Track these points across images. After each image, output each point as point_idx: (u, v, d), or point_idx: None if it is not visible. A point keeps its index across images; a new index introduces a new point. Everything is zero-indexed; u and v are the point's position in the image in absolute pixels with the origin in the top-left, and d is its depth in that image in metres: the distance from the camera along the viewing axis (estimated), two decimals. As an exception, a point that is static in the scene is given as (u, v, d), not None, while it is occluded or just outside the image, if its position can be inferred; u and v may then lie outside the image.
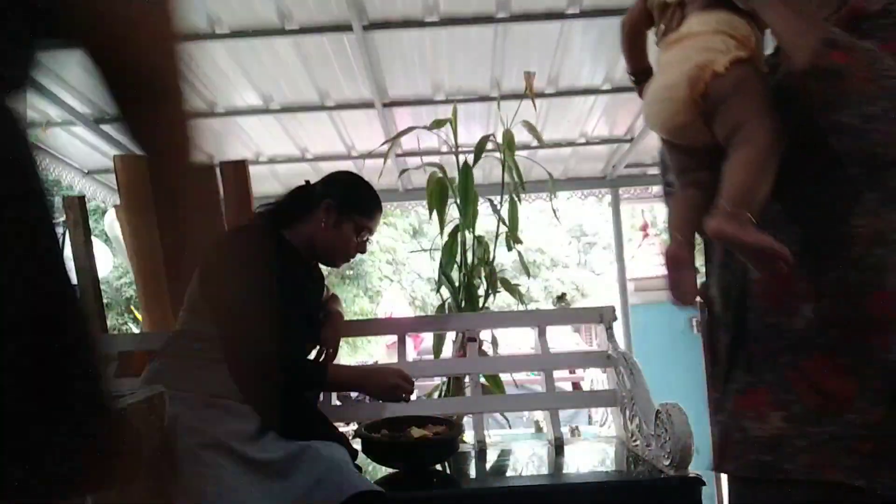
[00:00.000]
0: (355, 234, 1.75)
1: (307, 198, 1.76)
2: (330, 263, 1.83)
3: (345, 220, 1.73)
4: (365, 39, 3.03)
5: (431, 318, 2.54)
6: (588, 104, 3.97)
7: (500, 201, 2.71)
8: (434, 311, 2.86)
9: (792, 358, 0.86)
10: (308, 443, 1.44)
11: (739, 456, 0.89)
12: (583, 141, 4.53)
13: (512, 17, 2.99)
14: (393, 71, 3.44)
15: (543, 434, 2.49)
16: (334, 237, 1.73)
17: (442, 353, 2.62)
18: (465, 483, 1.76)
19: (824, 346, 0.85)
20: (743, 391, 0.91)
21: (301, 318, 1.71)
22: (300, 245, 1.73)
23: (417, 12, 2.94)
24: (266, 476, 1.37)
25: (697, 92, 0.88)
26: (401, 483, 1.68)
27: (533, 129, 2.91)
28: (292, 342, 1.65)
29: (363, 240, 1.79)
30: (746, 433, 0.88)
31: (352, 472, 1.42)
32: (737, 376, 0.93)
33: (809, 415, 0.84)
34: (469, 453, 2.01)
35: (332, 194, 1.74)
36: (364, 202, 1.78)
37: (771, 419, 0.86)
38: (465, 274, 2.65)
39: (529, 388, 4.62)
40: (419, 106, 3.81)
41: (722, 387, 0.96)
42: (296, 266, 1.73)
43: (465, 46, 3.22)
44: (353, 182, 1.82)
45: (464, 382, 2.43)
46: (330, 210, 1.72)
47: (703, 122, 0.90)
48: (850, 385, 0.83)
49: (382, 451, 1.71)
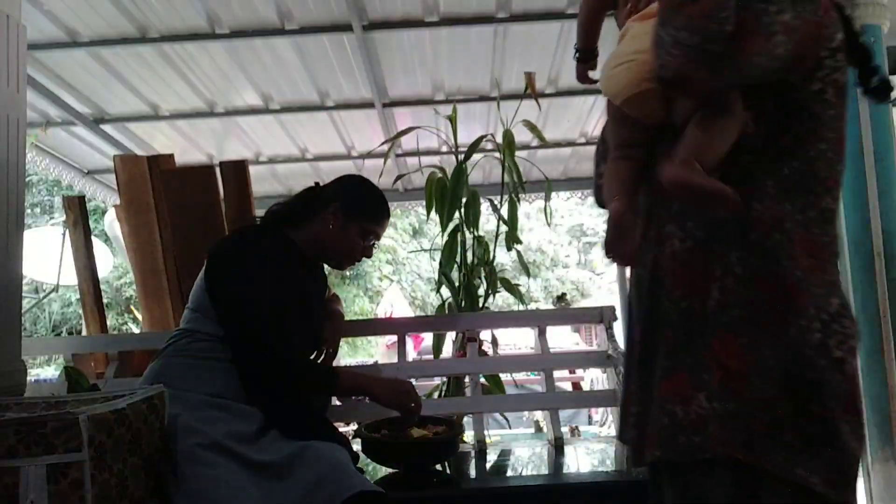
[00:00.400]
0: (362, 237, 1.76)
1: (315, 199, 1.76)
2: (334, 265, 1.83)
3: (352, 224, 1.73)
4: (365, 39, 3.03)
5: (431, 318, 2.54)
6: (588, 104, 3.97)
7: (500, 201, 2.71)
8: (434, 311, 2.86)
9: (705, 338, 0.88)
10: (308, 443, 1.44)
11: (670, 440, 0.88)
12: (583, 141, 4.53)
13: (512, 17, 2.99)
14: (393, 71, 3.44)
15: (543, 434, 2.49)
16: (340, 239, 1.74)
17: (442, 353, 2.62)
18: (465, 483, 1.76)
19: (727, 324, 0.88)
20: (668, 376, 0.91)
21: (305, 318, 1.72)
22: (305, 245, 1.74)
23: (417, 12, 2.94)
24: (266, 476, 1.36)
25: None
26: (401, 483, 1.68)
27: (534, 128, 2.91)
28: (298, 341, 1.66)
29: (370, 244, 1.79)
30: (675, 417, 0.88)
31: (352, 472, 1.42)
32: (658, 364, 0.93)
33: (724, 392, 0.86)
34: (469, 453, 2.01)
35: (340, 197, 1.74)
36: (372, 207, 1.78)
37: (695, 400, 0.87)
38: (465, 274, 2.65)
39: (529, 388, 4.62)
40: (419, 106, 3.81)
41: (639, 379, 0.96)
42: (300, 266, 1.73)
43: (465, 46, 3.22)
44: (362, 186, 1.82)
45: (464, 382, 2.43)
46: (337, 213, 1.72)
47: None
48: (748, 363, 0.86)
49: (382, 451, 1.71)
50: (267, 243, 1.66)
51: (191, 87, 3.50)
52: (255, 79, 3.45)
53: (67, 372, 1.80)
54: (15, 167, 1.74)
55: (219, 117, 3.87)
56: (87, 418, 1.16)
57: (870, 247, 2.64)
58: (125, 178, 2.45)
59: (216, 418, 1.43)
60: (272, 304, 1.56)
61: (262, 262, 1.60)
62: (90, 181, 4.63)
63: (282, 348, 1.54)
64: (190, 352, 1.56)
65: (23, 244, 1.78)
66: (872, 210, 2.63)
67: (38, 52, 3.02)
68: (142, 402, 1.32)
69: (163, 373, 1.54)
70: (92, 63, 3.19)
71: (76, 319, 10.60)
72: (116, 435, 1.23)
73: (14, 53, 1.75)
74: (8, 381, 1.66)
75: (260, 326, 1.53)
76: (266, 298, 1.55)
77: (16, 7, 1.80)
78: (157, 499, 1.34)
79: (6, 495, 1.11)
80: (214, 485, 1.30)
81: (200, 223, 2.34)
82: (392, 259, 12.68)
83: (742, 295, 0.88)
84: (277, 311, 1.56)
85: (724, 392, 0.86)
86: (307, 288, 1.75)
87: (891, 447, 2.61)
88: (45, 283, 5.53)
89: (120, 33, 2.98)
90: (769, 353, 0.86)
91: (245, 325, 1.53)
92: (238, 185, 2.42)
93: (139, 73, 3.32)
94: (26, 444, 1.13)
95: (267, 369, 1.53)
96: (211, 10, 2.84)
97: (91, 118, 3.76)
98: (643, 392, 0.97)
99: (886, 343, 2.61)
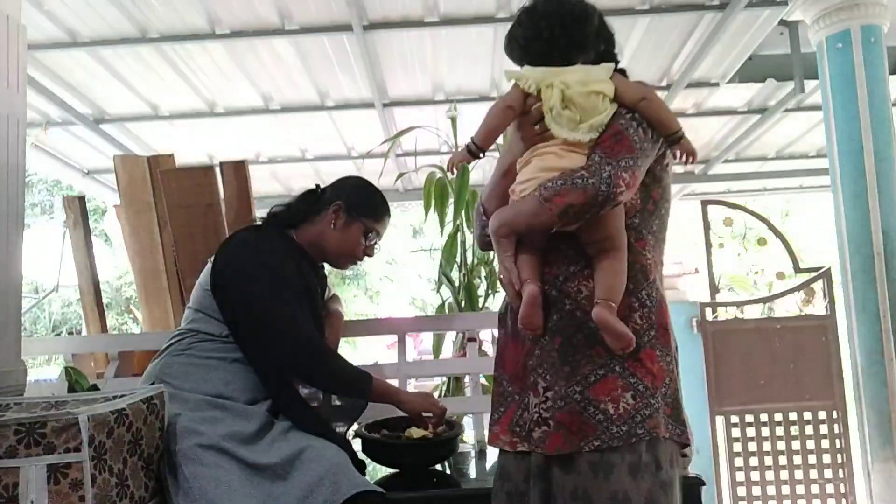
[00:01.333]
0: (363, 236, 1.77)
1: (317, 200, 1.78)
2: (336, 264, 1.84)
3: (353, 222, 1.75)
4: (365, 39, 3.03)
5: (431, 318, 2.54)
6: (588, 104, 3.97)
7: (500, 201, 2.70)
8: (434, 311, 2.86)
9: (633, 352, 1.19)
10: (308, 443, 1.44)
11: (604, 432, 1.16)
12: (583, 141, 4.53)
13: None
14: (393, 71, 3.44)
15: (543, 434, 2.48)
16: (342, 238, 1.75)
17: (442, 353, 2.62)
18: (465, 483, 1.76)
19: (647, 343, 1.21)
20: (599, 381, 1.19)
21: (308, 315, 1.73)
22: (308, 246, 1.75)
23: (417, 12, 2.94)
24: (266, 476, 1.37)
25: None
26: (401, 483, 1.68)
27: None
28: (311, 326, 1.67)
29: (371, 243, 1.80)
30: (607, 413, 1.17)
31: (352, 472, 1.42)
32: (587, 371, 1.20)
33: (647, 390, 1.18)
34: (469, 453, 2.02)
35: (342, 197, 1.75)
36: (372, 205, 1.80)
37: (623, 399, 1.18)
38: (465, 274, 2.65)
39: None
40: (419, 106, 3.81)
41: (565, 384, 1.20)
42: (304, 265, 1.74)
43: (465, 46, 3.22)
44: (362, 186, 1.83)
45: (464, 382, 2.43)
46: (339, 212, 1.74)
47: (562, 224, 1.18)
48: (661, 369, 1.21)
49: (382, 451, 1.71)
50: (272, 243, 1.67)
51: (191, 87, 3.50)
52: (255, 79, 3.46)
53: (67, 372, 1.80)
54: (15, 167, 1.74)
55: (219, 117, 3.87)
56: (87, 418, 1.16)
57: (870, 247, 2.64)
58: (125, 178, 2.45)
59: (216, 418, 1.43)
60: (284, 298, 1.57)
61: (269, 262, 1.60)
62: (90, 181, 4.64)
63: (306, 331, 1.56)
64: (192, 351, 1.57)
65: (23, 244, 1.78)
66: (872, 210, 2.63)
67: (38, 52, 3.02)
68: (142, 402, 1.32)
69: (163, 372, 1.54)
70: (92, 63, 3.19)
71: (76, 319, 10.60)
72: (116, 435, 1.23)
73: (14, 53, 1.75)
74: (8, 381, 1.67)
75: (279, 317, 1.54)
76: (277, 293, 1.56)
77: (16, 7, 1.80)
78: (157, 499, 1.34)
79: (6, 495, 1.11)
80: (214, 485, 1.30)
81: (200, 223, 2.33)
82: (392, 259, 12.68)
83: (653, 320, 1.22)
84: (290, 303, 1.57)
85: (650, 391, 1.19)
86: (311, 286, 1.76)
87: (891, 447, 2.61)
88: (45, 283, 5.53)
89: (120, 33, 2.98)
90: (669, 360, 1.23)
91: (261, 320, 1.54)
92: (238, 185, 2.42)
93: (139, 73, 3.32)
94: (26, 444, 1.13)
95: (295, 354, 1.54)
96: (211, 10, 2.84)
97: (91, 118, 3.76)
98: (556, 396, 1.21)
99: (886, 343, 2.61)
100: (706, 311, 4.65)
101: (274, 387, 1.55)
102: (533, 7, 1.33)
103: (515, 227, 1.24)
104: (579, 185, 1.15)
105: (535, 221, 1.20)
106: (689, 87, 3.65)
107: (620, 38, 1.35)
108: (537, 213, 1.18)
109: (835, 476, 4.36)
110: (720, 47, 3.22)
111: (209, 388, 1.51)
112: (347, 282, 12.13)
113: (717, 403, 4.43)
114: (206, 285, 1.61)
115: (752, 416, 4.43)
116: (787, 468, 4.39)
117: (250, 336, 1.55)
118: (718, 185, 5.66)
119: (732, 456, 4.42)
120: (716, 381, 4.45)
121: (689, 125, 4.40)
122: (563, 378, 1.21)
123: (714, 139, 4.71)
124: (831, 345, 4.49)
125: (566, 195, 1.15)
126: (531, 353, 1.26)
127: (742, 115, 4.25)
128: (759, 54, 3.56)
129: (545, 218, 1.18)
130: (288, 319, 1.54)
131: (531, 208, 1.20)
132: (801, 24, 3.25)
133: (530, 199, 1.20)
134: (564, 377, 1.21)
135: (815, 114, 4.10)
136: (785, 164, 5.23)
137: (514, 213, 1.25)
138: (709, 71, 3.57)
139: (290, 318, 1.55)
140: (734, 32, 3.11)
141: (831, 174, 2.79)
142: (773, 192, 6.11)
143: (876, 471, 2.67)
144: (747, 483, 4.40)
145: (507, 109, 1.26)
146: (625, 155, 1.17)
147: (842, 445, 4.38)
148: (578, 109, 1.20)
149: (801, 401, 4.44)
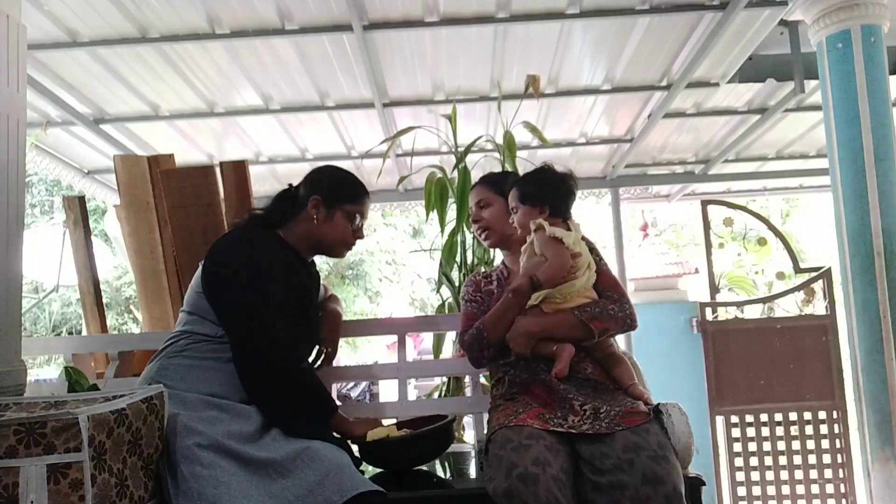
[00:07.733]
0: (349, 221, 1.77)
1: (293, 199, 1.78)
2: (332, 254, 1.84)
3: (335, 212, 1.75)
4: (365, 39, 3.03)
5: (431, 318, 2.54)
6: (588, 104, 3.97)
7: (500, 201, 2.70)
8: (434, 311, 2.86)
9: (589, 390, 1.62)
10: (308, 443, 1.44)
11: (611, 422, 1.48)
12: (583, 141, 4.53)
13: (512, 17, 2.99)
14: (393, 71, 3.44)
15: (543, 434, 2.47)
16: (330, 230, 1.76)
17: (442, 353, 2.62)
18: (465, 483, 1.76)
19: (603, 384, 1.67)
20: (607, 394, 1.64)
21: (302, 315, 1.72)
22: (296, 242, 1.75)
23: (417, 12, 2.94)
24: (266, 476, 1.36)
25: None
26: (401, 483, 1.68)
27: (535, 129, 2.91)
28: (295, 343, 1.66)
29: (358, 226, 1.80)
30: (610, 412, 1.54)
31: (352, 472, 1.42)
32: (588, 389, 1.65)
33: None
34: (469, 453, 2.01)
35: (317, 191, 1.76)
36: (349, 190, 1.80)
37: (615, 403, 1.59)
38: (465, 274, 2.65)
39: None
40: (419, 106, 3.81)
41: (585, 396, 1.60)
42: (296, 264, 1.74)
43: (465, 46, 3.22)
44: (333, 174, 1.83)
45: (464, 382, 2.43)
46: (319, 205, 1.74)
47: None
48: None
49: (367, 453, 1.67)
50: (261, 245, 1.67)
51: (191, 87, 3.50)
52: (255, 79, 3.45)
53: (67, 372, 1.79)
54: (15, 167, 1.74)
55: (219, 117, 3.87)
56: (87, 418, 1.16)
57: (870, 247, 2.63)
58: (125, 178, 2.45)
59: (215, 418, 1.43)
60: (271, 305, 1.56)
61: (259, 266, 1.60)
62: (90, 181, 4.63)
63: (279, 350, 1.55)
64: (188, 353, 1.57)
65: (23, 244, 1.78)
66: (872, 210, 2.63)
67: (38, 52, 3.02)
68: (141, 402, 1.32)
69: (160, 374, 1.54)
70: (92, 63, 3.19)
71: (76, 319, 10.59)
72: (116, 435, 1.23)
73: (14, 53, 1.75)
74: (8, 381, 1.66)
75: (259, 329, 1.53)
76: (265, 300, 1.56)
77: (16, 7, 1.80)
78: (156, 499, 1.34)
79: (6, 495, 1.11)
80: (213, 485, 1.30)
81: (200, 223, 2.33)
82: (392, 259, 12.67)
83: (604, 372, 1.70)
84: (276, 313, 1.57)
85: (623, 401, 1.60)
86: (304, 285, 1.76)
87: (891, 447, 2.61)
88: (45, 283, 5.53)
89: (120, 33, 2.98)
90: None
91: (243, 328, 1.54)
92: (238, 185, 2.42)
93: (139, 73, 3.32)
94: (26, 444, 1.13)
95: (263, 371, 1.54)
96: (211, 10, 2.84)
97: (91, 118, 3.76)
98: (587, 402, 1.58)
99: (886, 343, 2.61)
100: (706, 311, 4.66)
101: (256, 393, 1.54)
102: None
103: (549, 334, 1.66)
104: (612, 316, 1.67)
105: (573, 334, 1.64)
106: (689, 87, 3.64)
107: (620, 38, 1.35)
108: (577, 327, 1.64)
109: (835, 476, 4.36)
110: (720, 47, 3.22)
111: (205, 388, 1.51)
112: (347, 282, 12.12)
113: (717, 403, 4.44)
114: (197, 288, 1.62)
115: (752, 416, 4.44)
116: (787, 468, 4.40)
117: (232, 341, 1.55)
118: (718, 185, 5.65)
119: (732, 456, 4.42)
120: (716, 381, 4.45)
121: (690, 125, 4.40)
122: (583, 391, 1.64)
123: (714, 139, 4.70)
124: (831, 345, 4.50)
125: (605, 321, 1.65)
126: (558, 387, 1.61)
127: (742, 115, 4.24)
128: (759, 54, 3.56)
129: (585, 334, 1.64)
130: (267, 331, 1.54)
131: (571, 322, 1.65)
132: (801, 24, 3.25)
133: (570, 316, 1.65)
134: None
135: (815, 114, 4.09)
136: (785, 164, 5.22)
137: (550, 322, 1.68)
138: (709, 71, 3.57)
139: (269, 330, 1.54)
140: (734, 32, 3.10)
141: (831, 174, 2.79)
142: (773, 192, 6.10)
143: (876, 471, 2.67)
144: (747, 483, 4.41)
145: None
146: (623, 292, 1.75)
147: (842, 445, 4.39)
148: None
149: (801, 401, 4.45)
